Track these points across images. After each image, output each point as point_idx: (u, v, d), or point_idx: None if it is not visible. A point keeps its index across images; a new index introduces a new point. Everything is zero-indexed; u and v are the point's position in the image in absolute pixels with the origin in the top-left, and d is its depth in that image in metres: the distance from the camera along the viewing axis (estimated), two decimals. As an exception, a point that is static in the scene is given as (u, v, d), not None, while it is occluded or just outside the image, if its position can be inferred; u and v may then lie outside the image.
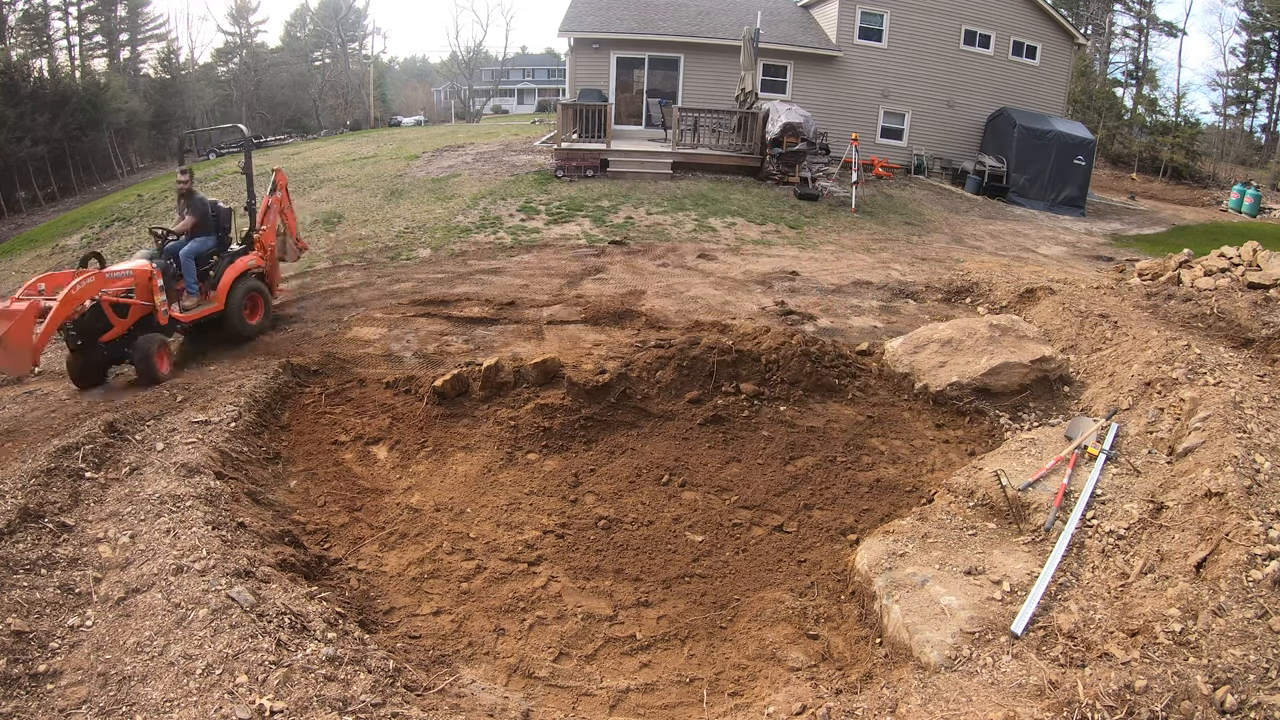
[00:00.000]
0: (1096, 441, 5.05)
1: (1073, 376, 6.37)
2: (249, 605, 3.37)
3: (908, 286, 9.53)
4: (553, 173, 14.95)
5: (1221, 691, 2.80)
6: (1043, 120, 19.36)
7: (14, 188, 23.48)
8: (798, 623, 4.11)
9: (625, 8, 20.00)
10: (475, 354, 6.98)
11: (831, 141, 18.10)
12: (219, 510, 4.25)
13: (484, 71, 50.13)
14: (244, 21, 42.62)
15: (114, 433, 5.05)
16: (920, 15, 19.41)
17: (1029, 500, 4.52)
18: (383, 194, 13.88)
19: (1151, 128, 34.46)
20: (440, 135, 23.62)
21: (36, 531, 3.87)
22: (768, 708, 3.41)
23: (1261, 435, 4.43)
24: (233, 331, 7.35)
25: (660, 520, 5.02)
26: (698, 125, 16.39)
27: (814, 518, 5.08)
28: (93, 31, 36.22)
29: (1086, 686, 2.92)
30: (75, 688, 2.99)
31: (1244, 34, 38.48)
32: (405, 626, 4.03)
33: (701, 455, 5.69)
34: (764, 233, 12.27)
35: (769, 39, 17.69)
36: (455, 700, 3.43)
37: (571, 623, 4.14)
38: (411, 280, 9.33)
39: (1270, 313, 6.90)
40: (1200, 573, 3.45)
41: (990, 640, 3.45)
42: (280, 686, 2.94)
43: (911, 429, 6.10)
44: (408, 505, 5.11)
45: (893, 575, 4.00)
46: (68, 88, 27.35)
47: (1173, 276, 8.71)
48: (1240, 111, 40.01)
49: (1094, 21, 38.67)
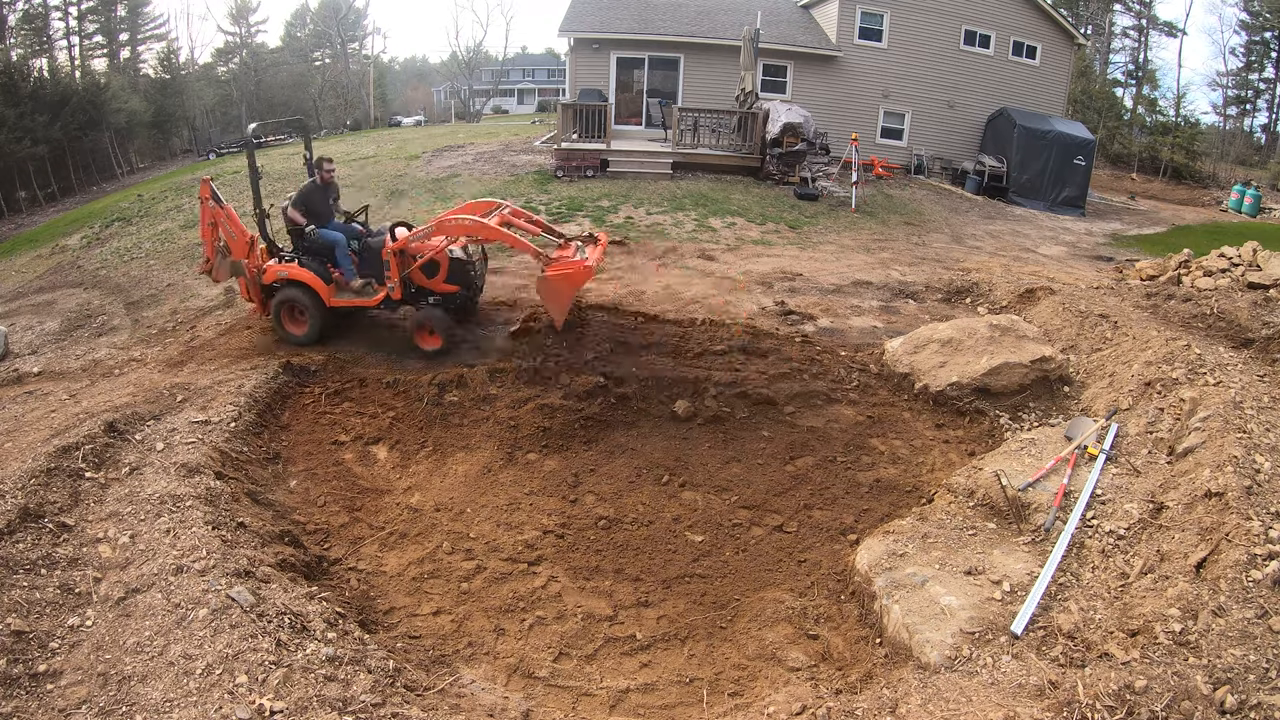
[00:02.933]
0: (1096, 441, 5.05)
1: (1073, 376, 6.37)
2: (249, 605, 3.37)
3: (908, 286, 9.52)
4: (553, 173, 14.93)
5: (1221, 691, 2.80)
6: (1043, 120, 19.35)
7: (14, 188, 23.46)
8: (798, 623, 4.11)
9: (625, 8, 19.99)
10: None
11: (831, 141, 18.08)
12: (219, 510, 4.25)
13: (484, 71, 50.12)
14: (244, 21, 42.61)
15: (114, 433, 5.05)
16: (920, 15, 19.40)
17: (1029, 500, 4.51)
18: (383, 194, 13.86)
19: (1151, 128, 34.45)
20: (440, 135, 23.60)
21: (36, 531, 3.87)
22: (768, 708, 3.41)
23: (1261, 435, 4.43)
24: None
25: (660, 520, 5.02)
26: (698, 125, 16.37)
27: (814, 518, 5.08)
28: (93, 31, 36.20)
29: (1086, 686, 2.92)
30: (75, 688, 2.99)
31: (1244, 34, 38.48)
32: (405, 626, 4.03)
33: (701, 455, 5.69)
34: (764, 233, 12.26)
35: (769, 39, 17.68)
36: (455, 700, 3.43)
37: (571, 623, 4.14)
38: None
39: (1270, 313, 6.90)
40: (1200, 573, 3.44)
41: (990, 640, 3.45)
42: (280, 686, 2.94)
43: (911, 429, 6.10)
44: (408, 505, 5.11)
45: (893, 575, 4.00)
46: (68, 88, 27.32)
47: (1173, 276, 8.71)
48: (1240, 111, 40.00)
49: (1094, 21, 38.64)
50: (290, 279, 7.10)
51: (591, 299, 8.03)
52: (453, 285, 7.04)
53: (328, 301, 7.08)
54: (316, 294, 7.06)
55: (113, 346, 8.05)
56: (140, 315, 8.99)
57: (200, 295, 9.36)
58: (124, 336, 8.36)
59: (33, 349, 8.34)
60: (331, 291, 7.09)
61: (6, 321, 9.14)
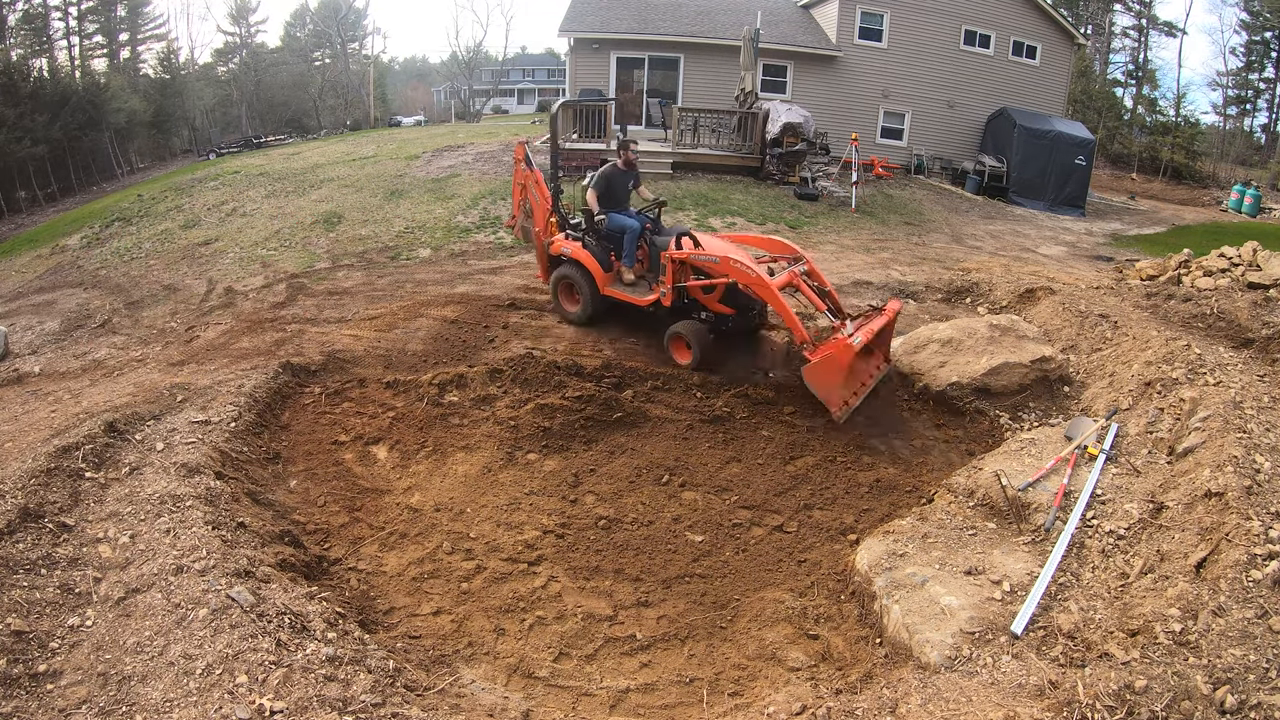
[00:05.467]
0: (1096, 441, 5.05)
1: (1073, 376, 6.37)
2: (249, 605, 3.38)
3: (908, 286, 9.52)
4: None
5: (1221, 691, 2.80)
6: (1043, 120, 19.35)
7: (14, 188, 23.43)
8: (798, 623, 4.11)
9: (625, 8, 20.00)
10: (476, 353, 6.98)
11: (831, 141, 18.09)
12: (219, 510, 4.25)
13: (484, 71, 50.12)
14: (244, 21, 42.59)
15: (114, 433, 5.05)
16: (920, 15, 19.41)
17: (1029, 500, 4.51)
18: (383, 194, 13.87)
19: (1151, 128, 34.45)
20: (440, 135, 23.59)
21: (36, 531, 3.87)
22: (768, 708, 3.41)
23: (1261, 435, 4.43)
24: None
25: (660, 520, 5.02)
26: (698, 125, 16.38)
27: (814, 518, 5.08)
28: (93, 31, 36.17)
29: (1086, 686, 2.92)
30: (75, 688, 2.99)
31: (1244, 34, 38.48)
32: (405, 626, 4.03)
33: (701, 455, 5.69)
34: (764, 233, 12.26)
35: (769, 39, 17.69)
36: (455, 700, 3.43)
37: (571, 623, 4.14)
38: (411, 281, 9.33)
39: (1270, 313, 6.89)
40: (1200, 573, 3.44)
41: (990, 640, 3.45)
42: (280, 686, 2.94)
43: (911, 429, 6.10)
44: (408, 505, 5.11)
45: (893, 575, 4.00)
46: (68, 88, 27.29)
47: (1173, 276, 8.71)
48: (1240, 111, 40.00)
49: (1094, 21, 38.64)
50: (571, 257, 7.24)
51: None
52: (727, 307, 6.69)
53: (601, 289, 7.16)
54: (593, 278, 7.16)
55: (113, 346, 8.05)
56: (140, 315, 8.99)
57: (200, 295, 9.37)
58: (124, 336, 8.36)
59: (33, 349, 8.33)
60: (608, 280, 7.17)
61: (6, 321, 9.14)
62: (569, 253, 7.27)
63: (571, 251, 7.25)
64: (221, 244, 11.54)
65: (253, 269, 10.21)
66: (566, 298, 7.50)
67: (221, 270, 10.29)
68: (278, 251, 10.93)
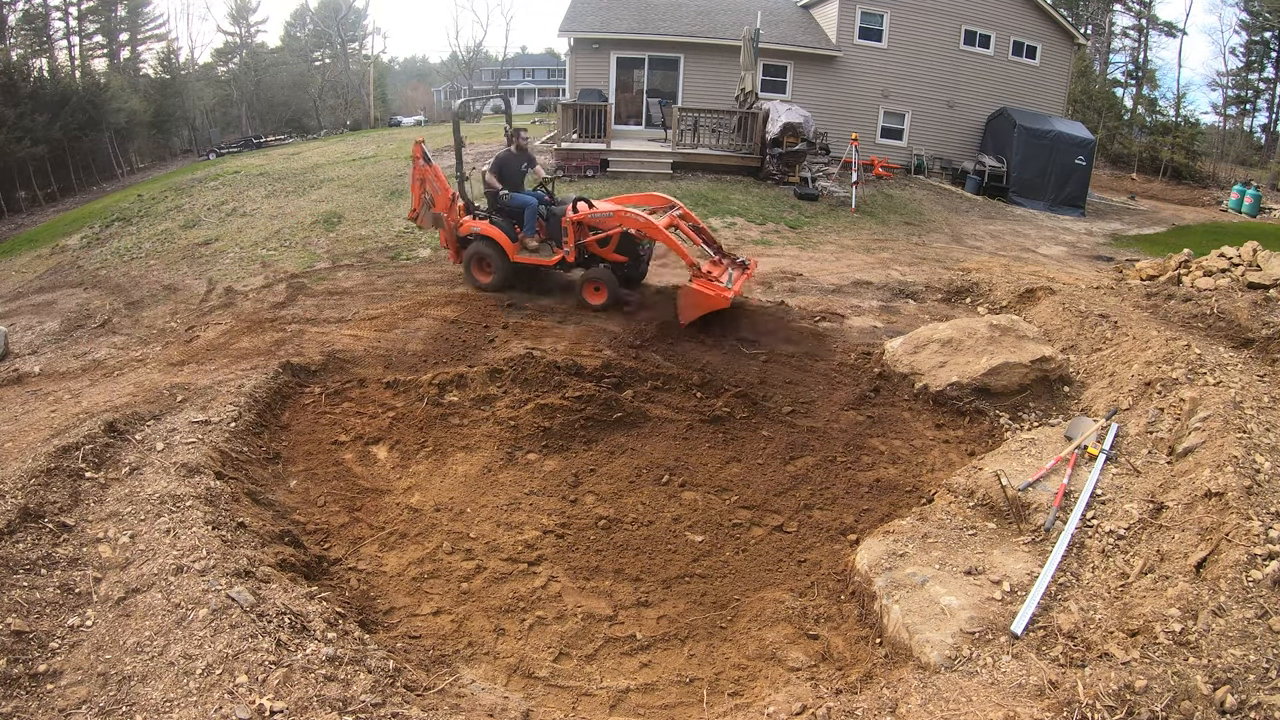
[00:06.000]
0: (1096, 441, 5.05)
1: (1073, 376, 6.37)
2: (249, 605, 3.38)
3: (908, 286, 9.52)
4: (553, 173, 14.95)
5: (1221, 691, 2.80)
6: (1043, 120, 19.34)
7: (14, 188, 23.43)
8: (798, 623, 4.11)
9: (625, 8, 19.99)
10: (476, 352, 6.98)
11: (831, 141, 18.09)
12: (219, 510, 4.25)
13: (484, 71, 50.13)
14: (244, 21, 42.60)
15: (114, 433, 5.04)
16: (920, 15, 19.40)
17: (1029, 500, 4.52)
18: (383, 194, 13.86)
19: (1151, 128, 34.45)
20: (441, 135, 23.57)
21: (36, 531, 3.87)
22: (768, 708, 3.41)
23: (1261, 435, 4.43)
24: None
25: (660, 520, 5.02)
26: (698, 125, 16.37)
27: (814, 518, 5.08)
28: (93, 31, 36.18)
29: (1086, 686, 2.92)
30: (75, 688, 2.99)
31: (1244, 34, 38.48)
32: (405, 626, 4.03)
33: (701, 455, 5.69)
34: (764, 232, 12.27)
35: (769, 39, 17.68)
36: (455, 700, 3.43)
37: (571, 623, 4.14)
38: (411, 280, 9.33)
39: (1270, 313, 6.89)
40: (1200, 573, 3.45)
41: (990, 640, 3.45)
42: (280, 686, 2.94)
43: (911, 429, 6.10)
44: (408, 505, 5.11)
45: (893, 575, 4.00)
46: (68, 88, 27.29)
47: (1173, 276, 8.71)
48: (1240, 111, 40.00)
49: (1094, 21, 38.64)
50: (481, 234, 8.27)
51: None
52: (621, 256, 8.04)
53: (511, 257, 8.22)
54: (503, 249, 8.21)
55: (113, 346, 8.04)
56: (140, 315, 8.99)
57: (200, 295, 9.37)
58: (124, 336, 8.36)
59: (33, 349, 8.33)
60: (515, 249, 8.20)
61: (6, 321, 9.14)
62: (479, 230, 8.27)
63: (481, 229, 8.26)
64: (221, 244, 11.53)
65: (253, 269, 10.20)
66: (479, 270, 8.52)
67: (221, 270, 10.29)
68: (278, 251, 10.93)
